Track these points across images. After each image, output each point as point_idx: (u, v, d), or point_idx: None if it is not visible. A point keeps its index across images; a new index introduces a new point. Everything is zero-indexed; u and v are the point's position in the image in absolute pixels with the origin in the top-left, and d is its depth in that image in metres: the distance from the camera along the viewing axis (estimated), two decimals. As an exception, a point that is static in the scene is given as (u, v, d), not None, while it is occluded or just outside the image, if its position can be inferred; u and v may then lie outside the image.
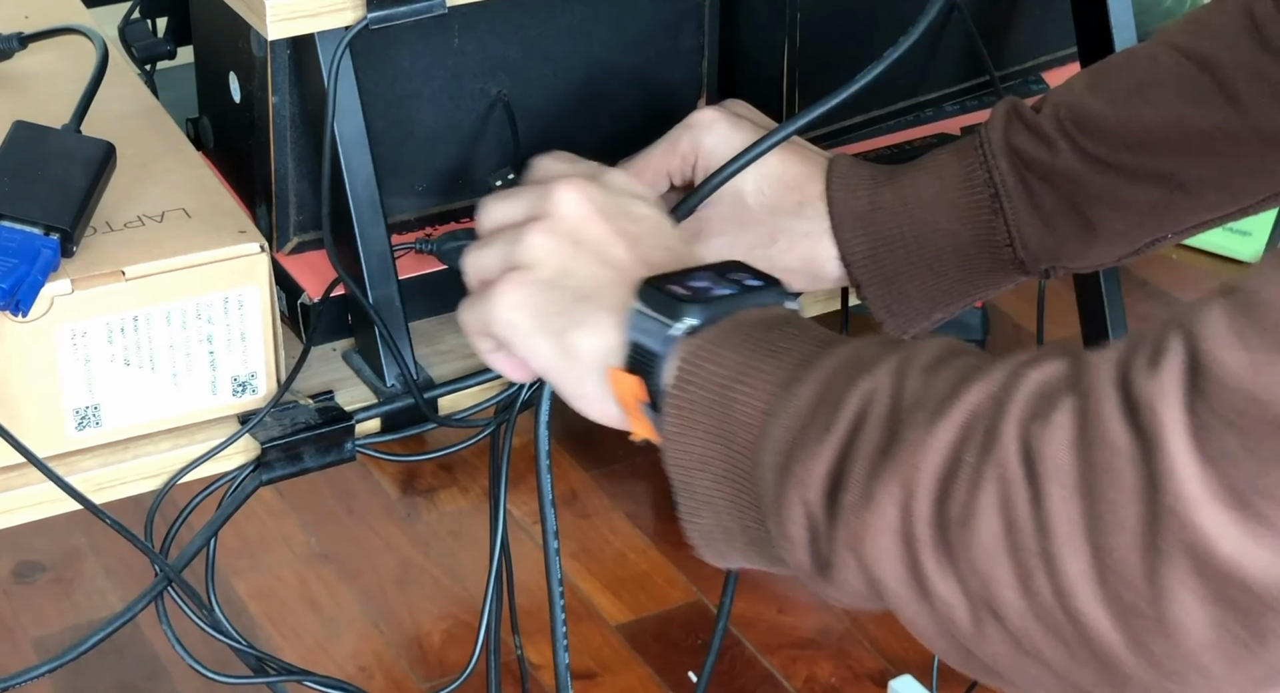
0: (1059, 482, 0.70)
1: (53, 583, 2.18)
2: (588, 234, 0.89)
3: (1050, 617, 0.70)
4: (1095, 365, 0.72)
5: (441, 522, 2.30)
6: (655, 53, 1.11)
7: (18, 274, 0.91)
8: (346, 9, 0.97)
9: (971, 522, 0.72)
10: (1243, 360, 0.66)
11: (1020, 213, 1.03)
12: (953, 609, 0.74)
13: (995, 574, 0.72)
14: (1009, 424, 0.72)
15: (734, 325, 0.84)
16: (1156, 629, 0.68)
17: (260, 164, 1.06)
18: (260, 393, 1.00)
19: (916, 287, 1.05)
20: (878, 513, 0.75)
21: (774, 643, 2.14)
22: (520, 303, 0.88)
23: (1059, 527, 0.70)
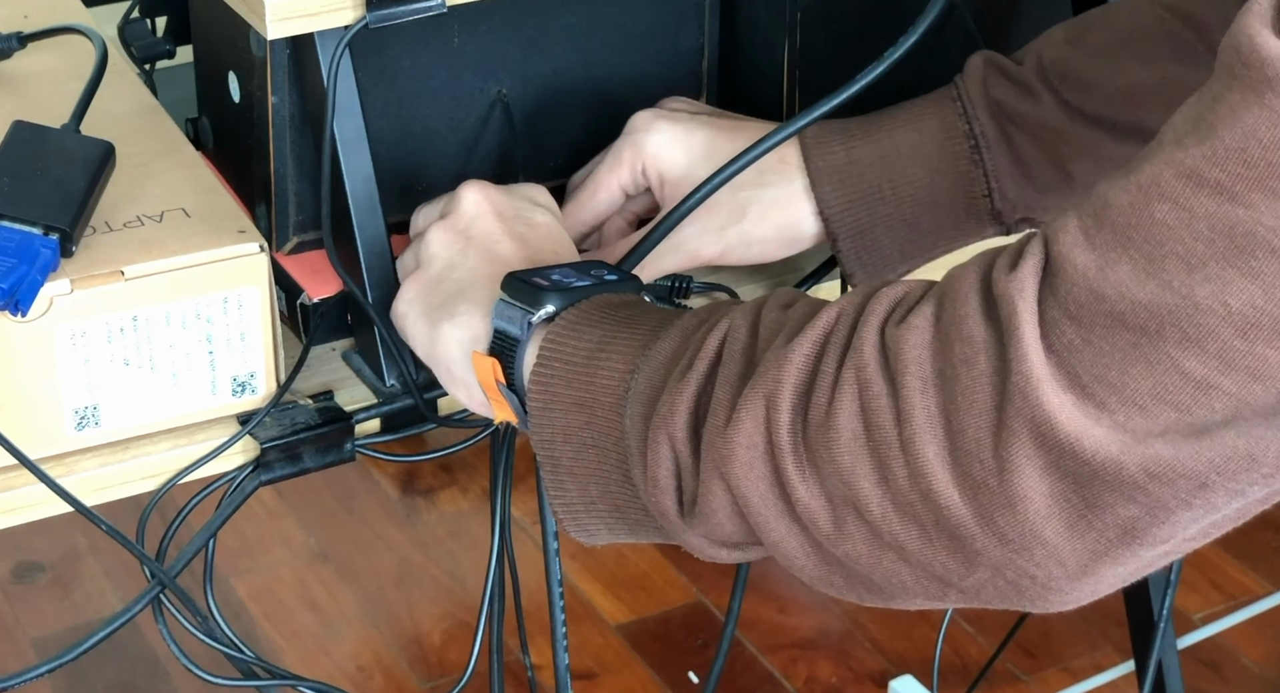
0: (916, 375, 0.75)
1: (52, 583, 2.18)
2: (479, 230, 0.96)
3: (907, 501, 0.75)
4: (956, 275, 0.76)
5: (441, 522, 2.30)
6: (655, 53, 1.11)
7: (17, 274, 0.91)
8: (346, 9, 0.97)
9: (831, 422, 0.76)
10: (1089, 259, 0.71)
11: (1000, 164, 1.03)
12: (814, 513, 0.77)
13: (855, 468, 0.76)
14: (867, 330, 0.77)
15: (591, 306, 0.88)
16: (1003, 502, 0.73)
17: (259, 164, 1.06)
18: (260, 393, 1.00)
19: (889, 238, 1.05)
20: (740, 430, 0.78)
21: (774, 643, 2.14)
22: (412, 296, 0.96)
23: (915, 415, 0.74)
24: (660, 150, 1.06)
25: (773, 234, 1.05)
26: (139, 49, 1.15)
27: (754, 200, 1.05)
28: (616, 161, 1.07)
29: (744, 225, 1.05)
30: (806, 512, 0.78)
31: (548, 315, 0.88)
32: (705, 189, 1.00)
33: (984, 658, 2.08)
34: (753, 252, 1.05)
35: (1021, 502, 0.72)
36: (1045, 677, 2.11)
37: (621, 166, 1.07)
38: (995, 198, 1.04)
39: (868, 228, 1.04)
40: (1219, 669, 2.13)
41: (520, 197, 0.98)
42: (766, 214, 1.05)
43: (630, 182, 1.07)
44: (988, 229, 1.06)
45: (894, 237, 1.05)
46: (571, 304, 0.88)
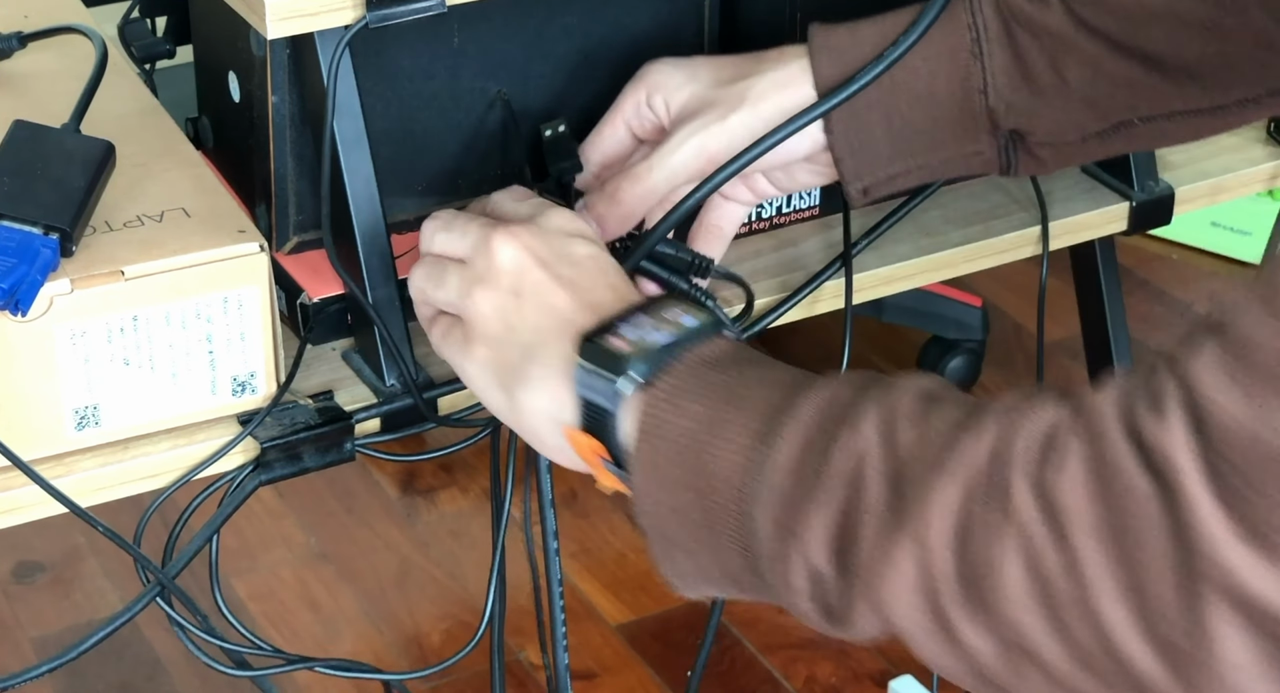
0: (1083, 529, 0.72)
1: (53, 583, 2.18)
2: (527, 284, 0.92)
3: (1090, 658, 0.72)
4: (1096, 410, 0.73)
5: (441, 522, 2.30)
6: (655, 53, 1.11)
7: (17, 274, 0.91)
8: (346, 8, 0.97)
9: (995, 574, 0.74)
10: (1242, 405, 0.69)
11: (998, 60, 1.02)
12: (983, 654, 0.75)
13: (1027, 622, 0.73)
14: (1016, 474, 0.74)
15: (687, 372, 0.85)
16: (1198, 662, 0.70)
17: (260, 164, 1.06)
18: (260, 393, 1.00)
19: (883, 128, 1.03)
20: (896, 571, 0.76)
21: (774, 643, 2.14)
22: (479, 361, 0.93)
23: (1088, 570, 0.71)
24: (663, 77, 1.06)
25: (776, 116, 1.03)
26: (139, 49, 1.15)
27: (752, 84, 1.03)
28: (620, 99, 1.07)
29: (744, 111, 1.03)
30: (975, 653, 0.76)
31: (637, 383, 0.86)
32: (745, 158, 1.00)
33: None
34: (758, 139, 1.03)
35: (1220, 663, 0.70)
36: (1045, 677, 2.11)
37: (625, 102, 1.06)
38: (990, 94, 1.02)
39: (861, 111, 1.03)
40: (1219, 669, 2.13)
41: (553, 233, 0.95)
42: (766, 94, 1.03)
43: (636, 118, 1.06)
44: (982, 135, 1.04)
45: (888, 127, 1.03)
46: (660, 367, 0.86)
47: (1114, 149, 1.07)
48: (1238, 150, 1.32)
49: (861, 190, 1.05)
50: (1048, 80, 1.02)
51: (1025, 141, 1.04)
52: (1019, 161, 1.05)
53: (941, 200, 1.22)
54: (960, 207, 1.23)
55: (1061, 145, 1.05)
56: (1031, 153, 1.05)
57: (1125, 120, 1.04)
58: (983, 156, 1.05)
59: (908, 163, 1.05)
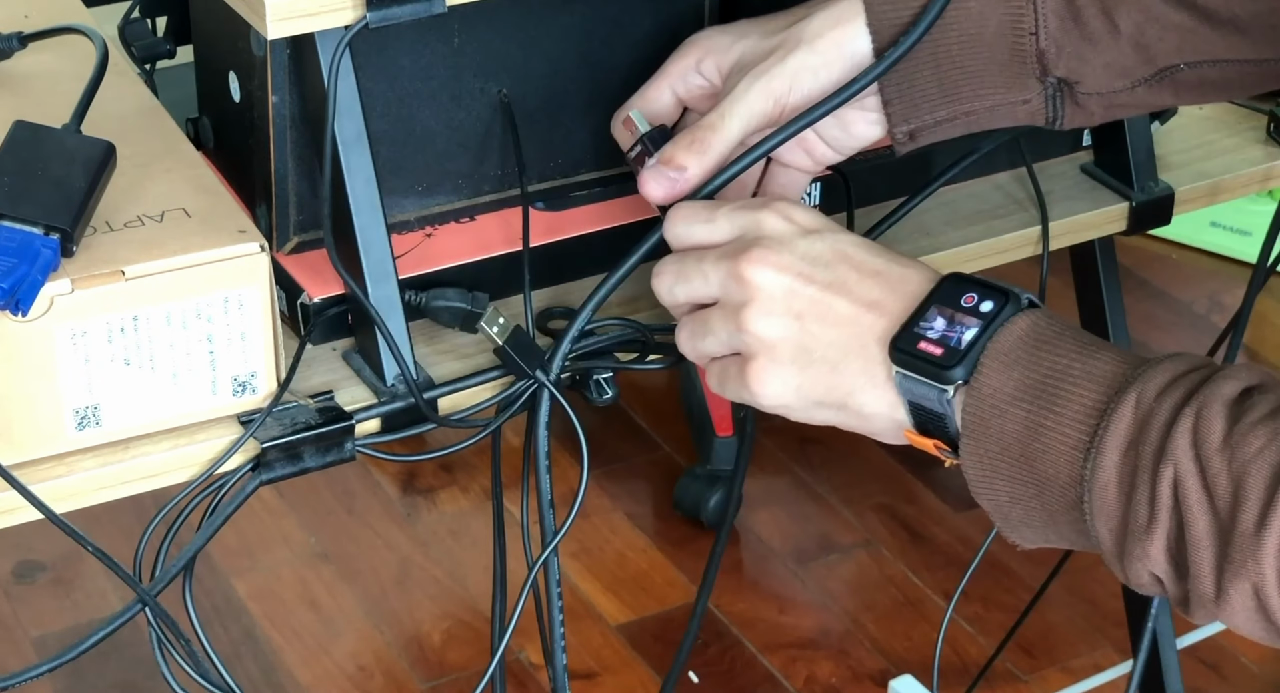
0: None
1: (53, 583, 2.18)
2: (800, 303, 0.94)
3: None
4: None
5: (441, 522, 2.30)
6: (655, 53, 1.11)
7: (18, 274, 0.91)
8: (346, 8, 0.97)
9: None
10: None
11: (1050, 3, 1.02)
12: None
13: None
14: None
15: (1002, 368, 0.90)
16: None
17: (260, 164, 1.06)
18: (260, 393, 1.00)
19: (932, 69, 1.03)
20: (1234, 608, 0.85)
21: (774, 643, 2.14)
22: (781, 389, 0.95)
23: None
24: (712, 41, 1.06)
25: (834, 52, 1.03)
26: (139, 49, 1.15)
27: (805, 25, 1.04)
28: (670, 65, 1.07)
29: (802, 51, 1.03)
30: None
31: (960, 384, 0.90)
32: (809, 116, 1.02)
33: (984, 658, 2.08)
34: (819, 78, 1.04)
35: None
36: (1045, 677, 2.11)
37: (673, 67, 1.07)
38: (1041, 36, 1.02)
39: (910, 52, 1.03)
40: (1219, 669, 2.13)
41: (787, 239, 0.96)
42: (821, 31, 1.03)
43: (684, 84, 1.07)
44: (1030, 81, 1.04)
45: (937, 67, 1.03)
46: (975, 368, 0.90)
47: (1160, 100, 1.07)
48: (1237, 150, 1.32)
49: (908, 134, 1.06)
50: (1098, 24, 1.03)
51: (1073, 91, 1.04)
52: (1066, 112, 1.05)
53: (941, 200, 1.22)
54: (960, 207, 1.23)
55: (1109, 94, 1.05)
56: (1079, 103, 1.05)
57: (1171, 66, 1.04)
58: (1029, 106, 1.05)
59: (955, 108, 1.05)
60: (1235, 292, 2.70)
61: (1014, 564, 2.23)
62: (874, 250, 0.96)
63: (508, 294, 1.10)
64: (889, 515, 2.32)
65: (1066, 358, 0.90)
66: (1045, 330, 0.91)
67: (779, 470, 2.39)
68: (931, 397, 0.91)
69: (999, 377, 0.90)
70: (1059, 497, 0.89)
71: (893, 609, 2.19)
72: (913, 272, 0.95)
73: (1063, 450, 0.88)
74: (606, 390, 1.07)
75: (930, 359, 0.91)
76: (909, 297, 0.94)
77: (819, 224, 0.97)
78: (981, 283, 0.93)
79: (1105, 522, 0.87)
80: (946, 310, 0.92)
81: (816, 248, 0.96)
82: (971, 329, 0.91)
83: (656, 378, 2.47)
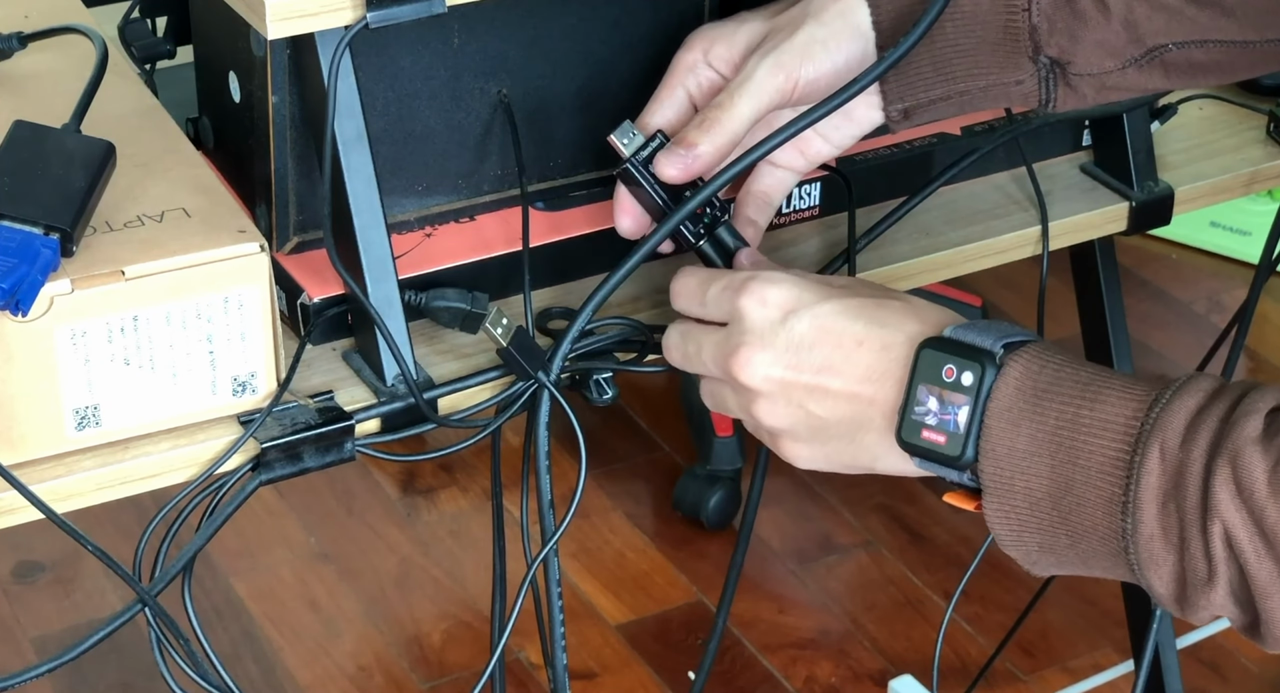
0: None
1: (53, 583, 2.18)
2: (798, 393, 0.97)
3: None
4: None
5: (441, 522, 2.30)
6: (655, 53, 1.11)
7: (18, 274, 0.91)
8: (346, 8, 0.97)
9: None
10: None
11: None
12: None
13: None
14: None
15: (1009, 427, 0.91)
16: None
17: (260, 164, 1.06)
18: (260, 393, 1.00)
19: (924, 46, 1.04)
20: None
21: (774, 643, 2.14)
22: (810, 460, 0.99)
23: None
24: (715, 32, 1.07)
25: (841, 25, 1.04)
26: (139, 49, 1.15)
27: (807, 3, 1.05)
28: (677, 64, 1.07)
29: (809, 25, 1.04)
30: None
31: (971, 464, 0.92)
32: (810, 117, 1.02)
33: (984, 658, 2.08)
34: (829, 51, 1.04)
35: None
36: (1045, 677, 2.11)
37: (679, 66, 1.07)
38: (1034, 12, 1.03)
39: (908, 26, 1.03)
40: (1219, 669, 2.13)
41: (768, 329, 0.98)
42: (826, 5, 1.04)
43: (694, 79, 1.07)
44: (1023, 61, 1.04)
45: (931, 45, 1.04)
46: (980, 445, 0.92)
47: (1150, 82, 1.07)
48: (1237, 150, 1.32)
49: (903, 111, 1.06)
50: (1088, 3, 1.03)
51: (1065, 72, 1.05)
52: (1058, 94, 1.06)
53: (941, 200, 1.22)
54: (960, 206, 1.23)
55: (1100, 75, 1.06)
56: (1071, 85, 1.06)
57: (1160, 45, 1.05)
58: (1023, 86, 1.06)
59: (949, 87, 1.06)
60: (1235, 292, 2.70)
61: (1014, 564, 2.23)
62: (852, 313, 0.97)
63: (507, 294, 1.10)
64: (889, 516, 2.32)
65: (1071, 405, 0.90)
66: (1038, 377, 0.92)
67: (779, 471, 2.38)
68: (953, 475, 0.94)
69: (1009, 437, 0.91)
70: (1098, 546, 0.90)
71: (893, 609, 2.19)
72: (891, 334, 0.96)
73: (1097, 503, 0.89)
74: (606, 390, 1.07)
75: (937, 449, 0.93)
76: (896, 363, 0.95)
77: (795, 299, 0.98)
78: (956, 346, 0.93)
79: (1156, 571, 0.88)
80: (934, 389, 0.93)
81: (798, 331, 0.97)
82: (963, 408, 0.92)
83: (656, 378, 2.47)
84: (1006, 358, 0.92)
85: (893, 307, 0.97)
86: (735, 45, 1.06)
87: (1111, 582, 0.96)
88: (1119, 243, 1.46)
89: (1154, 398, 0.89)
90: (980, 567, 1.38)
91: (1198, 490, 0.86)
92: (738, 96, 1.04)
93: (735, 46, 1.06)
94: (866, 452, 0.97)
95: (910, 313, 0.97)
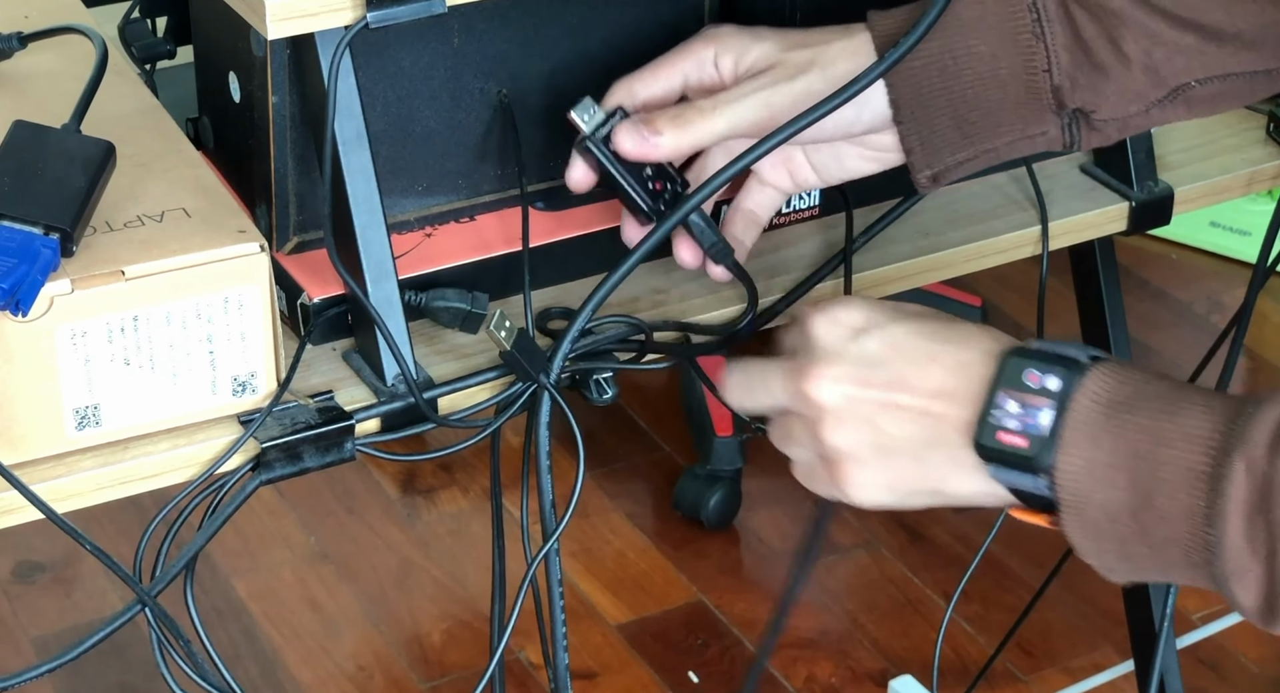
0: None
1: (53, 583, 2.18)
2: (867, 409, 0.95)
3: None
4: None
5: (441, 522, 2.30)
6: (655, 53, 1.11)
7: (18, 274, 0.91)
8: (346, 9, 0.97)
9: None
10: None
11: (1059, 38, 1.03)
12: None
13: None
14: None
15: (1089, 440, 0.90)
16: None
17: (260, 164, 1.06)
18: (260, 393, 1.00)
19: (949, 113, 1.04)
20: None
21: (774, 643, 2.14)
22: (873, 489, 0.96)
23: None
24: (731, 38, 1.06)
25: (844, 82, 1.03)
26: (139, 49, 1.15)
27: (822, 51, 1.04)
28: (686, 48, 1.07)
29: (813, 74, 1.04)
30: None
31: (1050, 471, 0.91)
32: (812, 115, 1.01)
33: (984, 658, 2.08)
34: None
35: None
36: (1045, 677, 2.11)
37: (689, 53, 1.07)
38: (1055, 73, 1.03)
39: (928, 98, 1.04)
40: (1219, 669, 2.13)
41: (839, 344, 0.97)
42: (835, 60, 1.04)
43: (697, 71, 1.07)
44: (1047, 115, 1.05)
45: (954, 111, 1.04)
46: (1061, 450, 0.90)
47: (1174, 116, 1.07)
48: (1237, 150, 1.32)
49: (930, 177, 1.06)
50: (1107, 55, 1.03)
51: (1089, 118, 1.05)
52: (1082, 137, 1.06)
53: (941, 200, 1.22)
54: (960, 207, 1.23)
55: (1124, 118, 1.06)
56: (1094, 128, 1.06)
57: (1183, 85, 1.05)
58: (1047, 136, 1.06)
59: (975, 148, 1.06)
60: (1235, 292, 2.70)
61: (1014, 564, 2.23)
62: (925, 334, 0.96)
63: (507, 294, 1.10)
64: (889, 515, 2.32)
65: (1153, 419, 0.89)
66: (1118, 391, 0.91)
67: (779, 470, 2.39)
68: (1028, 483, 0.92)
69: (1088, 449, 0.90)
70: (1180, 558, 0.89)
71: (893, 609, 2.19)
72: (967, 352, 0.95)
73: (1179, 516, 0.88)
74: (606, 390, 1.07)
75: (1018, 452, 0.91)
76: (973, 379, 0.94)
77: (866, 320, 0.97)
78: (1040, 355, 0.92)
79: (1241, 583, 0.88)
80: (1016, 394, 0.91)
81: (869, 348, 0.96)
82: (1047, 410, 0.91)
83: (656, 378, 2.47)
84: (1090, 363, 0.92)
85: (967, 328, 0.96)
86: (742, 62, 1.06)
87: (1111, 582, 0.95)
88: (1119, 243, 1.46)
89: (1236, 410, 0.88)
90: (980, 567, 1.38)
91: None
92: (720, 111, 1.04)
93: (741, 63, 1.06)
94: (935, 471, 0.95)
95: (986, 334, 0.96)
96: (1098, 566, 0.92)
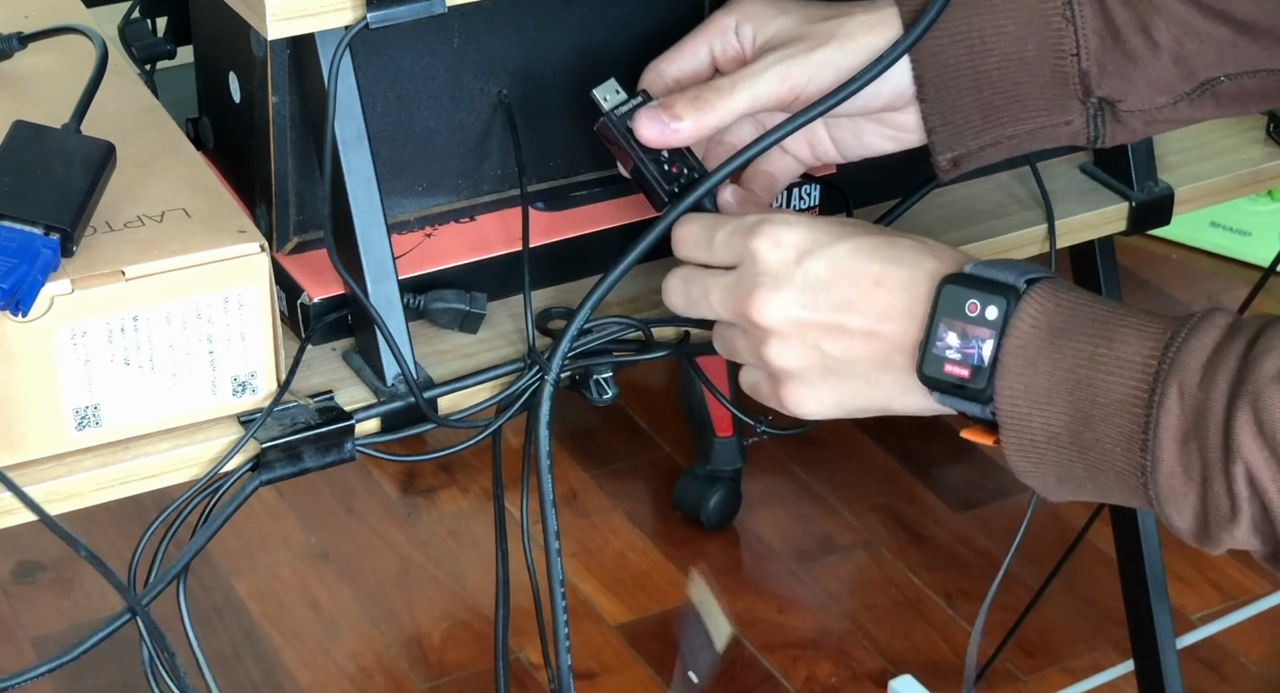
0: None
1: (53, 583, 2.18)
2: (814, 333, 0.97)
3: None
4: None
5: (441, 522, 2.30)
6: (655, 53, 1.11)
7: (18, 274, 0.91)
8: (346, 9, 0.97)
9: None
10: None
11: (1090, 22, 1.03)
12: None
13: None
14: None
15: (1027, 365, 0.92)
16: None
17: (260, 164, 1.06)
18: (260, 393, 1.00)
19: (974, 94, 1.04)
20: None
21: (774, 643, 2.14)
22: (818, 406, 0.98)
23: None
24: (754, 7, 1.06)
25: (865, 55, 1.03)
26: (139, 49, 1.15)
27: (843, 23, 1.04)
28: (710, 22, 1.07)
29: (832, 47, 1.03)
30: None
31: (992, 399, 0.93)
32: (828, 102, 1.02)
33: (984, 658, 2.08)
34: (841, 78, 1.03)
35: None
36: (1045, 677, 2.11)
37: (713, 25, 1.06)
38: (1083, 57, 1.03)
39: (954, 76, 1.03)
40: (1219, 669, 2.13)
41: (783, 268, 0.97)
42: (855, 33, 1.03)
43: (721, 42, 1.06)
44: (1072, 103, 1.04)
45: (979, 92, 1.04)
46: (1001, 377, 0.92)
47: (1201, 113, 1.07)
48: (1237, 150, 1.32)
49: (951, 161, 1.06)
50: (1138, 42, 1.03)
51: (1114, 109, 1.05)
52: (1107, 131, 1.06)
53: (941, 200, 1.22)
54: (960, 207, 1.23)
55: (1151, 110, 1.05)
56: (1120, 120, 1.05)
57: (1212, 78, 1.05)
58: (1071, 126, 1.06)
59: (998, 133, 1.05)
60: (1235, 292, 2.70)
61: (1014, 564, 2.23)
62: (869, 254, 0.97)
63: (508, 294, 1.10)
64: (889, 515, 2.32)
65: (1089, 343, 0.91)
66: (1056, 315, 0.92)
67: (779, 470, 2.39)
68: (974, 409, 0.94)
69: (1027, 375, 0.92)
70: (1116, 481, 0.91)
71: (893, 609, 2.19)
72: (909, 272, 0.96)
73: (1116, 440, 0.90)
74: (606, 390, 1.07)
75: (961, 382, 0.93)
76: (917, 301, 0.95)
77: (810, 240, 0.97)
78: (979, 282, 0.94)
79: (1176, 507, 0.89)
80: (956, 323, 0.93)
81: (814, 270, 0.97)
82: (987, 341, 0.93)
83: (656, 378, 2.47)
84: (1027, 288, 0.93)
85: (908, 245, 0.97)
86: (763, 33, 1.05)
87: (1112, 582, 0.96)
88: (1119, 243, 1.46)
89: (1170, 336, 0.89)
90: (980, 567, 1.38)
91: (1219, 432, 0.87)
92: (739, 88, 1.03)
93: (762, 34, 1.05)
94: (883, 391, 0.97)
95: (927, 251, 0.97)
96: (1037, 486, 0.94)
